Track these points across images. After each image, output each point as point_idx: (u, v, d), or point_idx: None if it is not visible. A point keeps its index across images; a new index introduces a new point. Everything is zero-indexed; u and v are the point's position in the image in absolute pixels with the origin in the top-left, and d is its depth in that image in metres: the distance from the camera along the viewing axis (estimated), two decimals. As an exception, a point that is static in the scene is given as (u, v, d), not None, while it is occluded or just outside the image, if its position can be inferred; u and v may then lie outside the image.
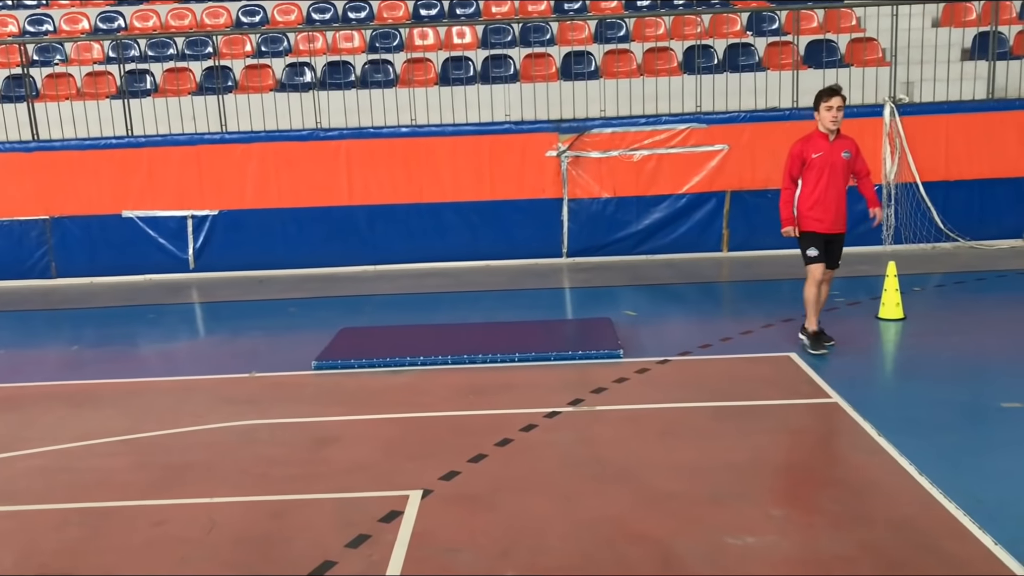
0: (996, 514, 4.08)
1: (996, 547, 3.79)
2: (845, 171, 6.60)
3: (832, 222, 6.63)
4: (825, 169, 6.51)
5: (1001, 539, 3.84)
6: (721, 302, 9.14)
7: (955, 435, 5.10)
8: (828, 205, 6.55)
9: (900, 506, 4.23)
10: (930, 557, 3.75)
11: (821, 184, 6.52)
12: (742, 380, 6.19)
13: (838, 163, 6.54)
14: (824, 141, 6.56)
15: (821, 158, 6.51)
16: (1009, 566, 3.64)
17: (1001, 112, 10.53)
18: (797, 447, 4.98)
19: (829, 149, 6.54)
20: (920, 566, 3.68)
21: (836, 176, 6.56)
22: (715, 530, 4.03)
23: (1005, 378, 6.06)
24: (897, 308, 7.61)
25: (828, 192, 6.52)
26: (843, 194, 6.62)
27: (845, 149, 6.59)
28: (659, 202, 10.82)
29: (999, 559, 3.70)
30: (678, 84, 10.99)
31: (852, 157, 6.62)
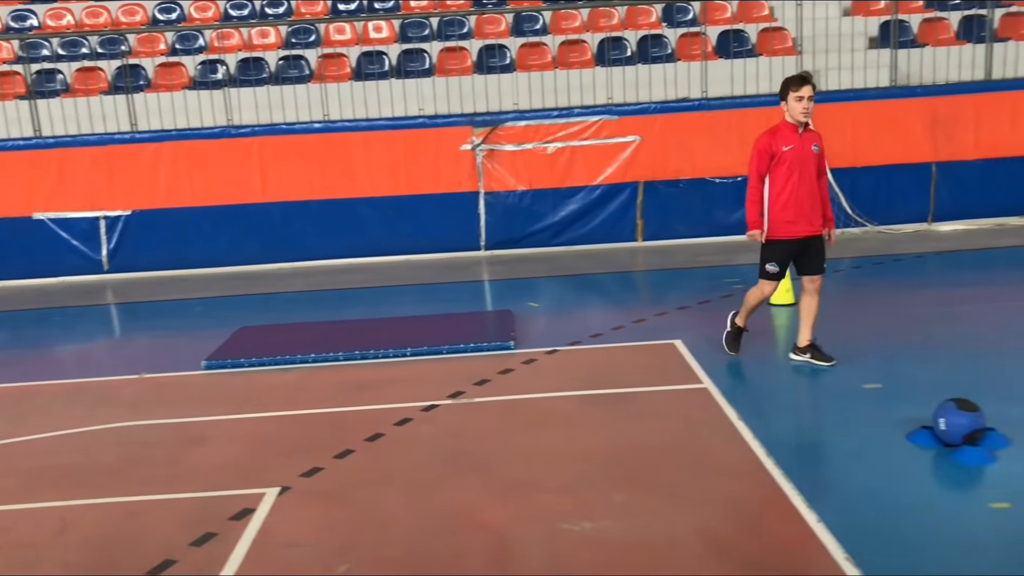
0: (825, 494, 4.23)
1: (818, 525, 3.93)
2: (816, 166, 5.95)
3: (807, 223, 5.97)
4: (796, 164, 5.85)
5: (825, 518, 3.98)
6: (626, 291, 9.25)
7: (810, 418, 5.27)
8: (801, 204, 5.91)
9: (740, 489, 4.37)
10: (754, 537, 3.89)
11: (792, 181, 5.86)
12: (622, 368, 6.31)
13: (809, 157, 5.89)
14: (794, 134, 5.86)
15: (792, 152, 5.84)
16: (825, 543, 3.78)
17: (904, 99, 10.75)
18: (656, 433, 5.09)
19: (799, 142, 5.86)
20: (742, 546, 3.81)
21: (808, 172, 5.90)
22: (556, 517, 4.13)
23: (876, 361, 6.23)
24: (787, 294, 7.77)
25: (800, 189, 5.88)
26: (816, 191, 5.98)
27: (815, 142, 5.92)
28: (574, 193, 10.92)
29: (818, 537, 3.84)
30: (591, 76, 11.07)
31: (820, 151, 5.97)
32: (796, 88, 5.74)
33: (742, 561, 3.69)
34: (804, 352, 6.17)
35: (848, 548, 3.71)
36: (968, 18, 11.55)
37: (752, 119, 10.72)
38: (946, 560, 3.65)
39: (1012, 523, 3.91)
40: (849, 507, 4.12)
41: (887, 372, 5.92)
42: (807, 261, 6.08)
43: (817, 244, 6.05)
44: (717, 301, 8.11)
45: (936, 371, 5.92)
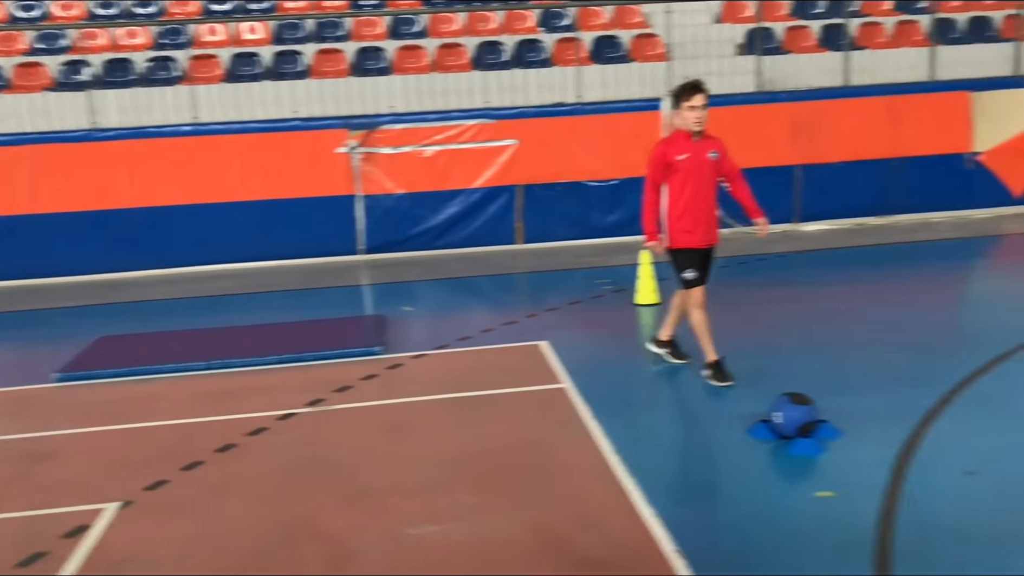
0: (665, 489, 4.37)
1: (655, 520, 4.06)
2: (714, 174, 5.84)
3: (703, 233, 5.89)
4: (692, 173, 5.74)
5: (662, 513, 4.10)
6: (500, 294, 9.31)
7: (661, 415, 5.42)
8: (698, 214, 5.81)
9: (584, 486, 4.47)
10: (591, 534, 3.98)
11: (688, 190, 5.75)
12: (485, 370, 6.36)
13: (705, 165, 5.77)
14: (688, 142, 5.74)
15: (687, 161, 5.71)
16: (658, 539, 3.90)
17: (769, 104, 11.17)
18: (510, 434, 5.16)
19: (695, 150, 5.73)
20: (578, 543, 3.90)
21: (704, 180, 5.79)
22: (400, 522, 4.15)
23: (731, 358, 6.45)
24: (653, 294, 7.98)
25: (696, 199, 5.78)
26: (713, 200, 5.91)
27: (712, 149, 5.79)
28: (453, 197, 10.94)
29: (652, 533, 3.96)
30: (468, 80, 11.12)
31: (720, 158, 5.84)
32: (688, 97, 5.64)
33: (575, 558, 3.78)
34: (663, 346, 6.28)
35: (679, 541, 3.84)
36: (829, 27, 12.07)
37: (626, 124, 11.01)
38: (767, 547, 3.82)
39: (833, 511, 4.11)
40: (685, 501, 4.28)
41: (741, 368, 6.12)
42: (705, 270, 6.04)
43: (711, 256, 6.02)
44: (587, 302, 8.27)
45: (786, 366, 6.16)
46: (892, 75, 11.63)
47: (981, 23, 12.32)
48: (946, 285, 8.70)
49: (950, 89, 11.44)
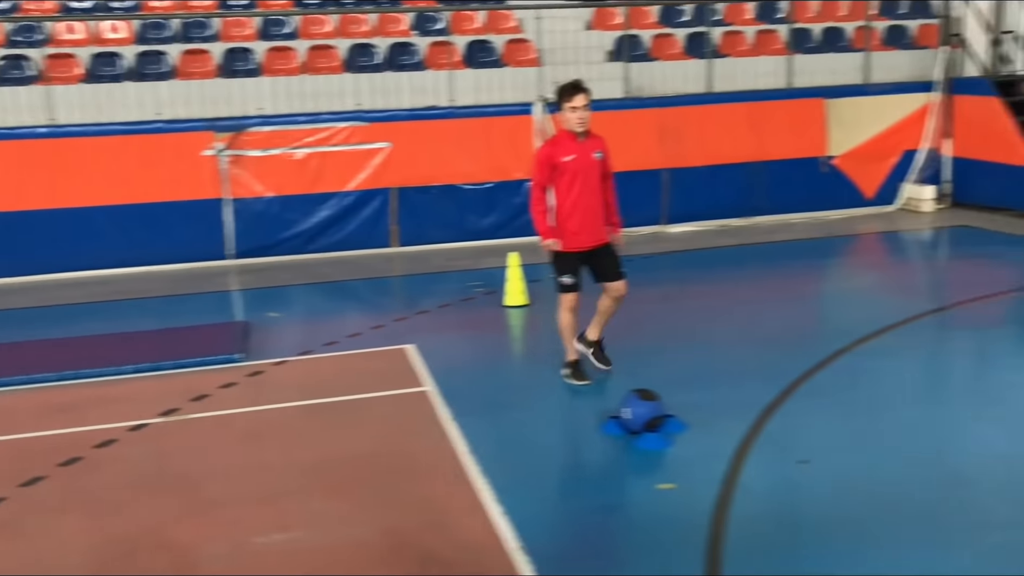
0: (515, 488, 4.46)
1: (502, 518, 4.14)
2: (599, 174, 5.82)
3: (590, 233, 5.84)
4: (578, 174, 5.71)
5: (510, 511, 4.19)
6: (372, 297, 9.26)
7: (520, 415, 5.51)
8: (586, 214, 5.77)
9: (438, 488, 4.52)
10: (438, 534, 4.03)
11: (575, 191, 5.72)
12: (348, 376, 6.34)
13: (592, 165, 5.75)
14: (573, 143, 5.74)
15: (573, 162, 5.69)
16: (503, 536, 3.98)
17: (637, 110, 11.47)
18: (367, 439, 5.17)
19: (580, 151, 5.73)
20: (424, 544, 3.95)
21: (591, 180, 5.76)
22: (247, 531, 4.11)
23: (586, 356, 6.62)
24: (521, 295, 8.09)
25: (582, 199, 5.74)
26: (600, 200, 5.86)
27: (597, 149, 5.79)
28: (326, 200, 10.82)
29: (498, 531, 4.04)
30: (340, 82, 11.03)
31: (604, 157, 5.84)
32: (569, 98, 5.65)
33: (420, 559, 3.83)
34: (589, 346, 6.19)
35: (523, 538, 3.93)
36: (693, 35, 12.48)
37: (498, 127, 11.13)
38: (607, 540, 3.96)
39: (673, 503, 4.29)
40: (533, 499, 4.37)
41: (596, 368, 6.30)
42: (602, 269, 5.97)
43: (605, 252, 5.94)
44: (457, 305, 8.33)
45: (643, 363, 6.35)
46: (752, 82, 12.11)
47: (834, 33, 12.96)
48: (800, 283, 9.12)
49: (806, 96, 12.00)
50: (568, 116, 5.71)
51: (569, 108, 5.67)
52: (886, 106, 12.23)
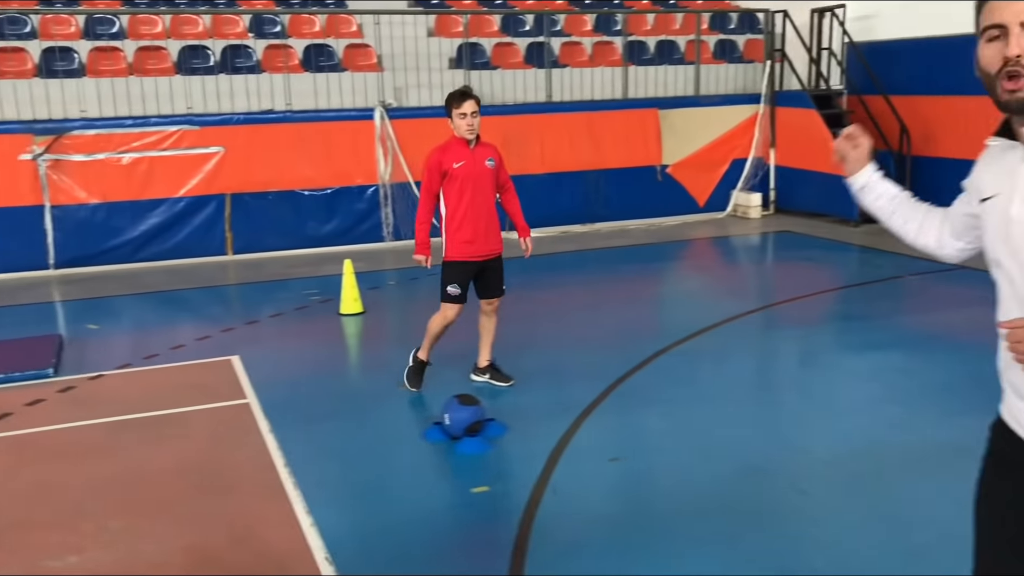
0: (328, 497, 4.40)
1: (311, 529, 4.07)
2: (492, 182, 5.74)
3: (483, 243, 5.73)
4: (469, 181, 5.61)
5: (320, 521, 4.13)
6: (202, 307, 8.92)
7: (341, 423, 5.44)
8: (478, 223, 5.66)
9: (248, 502, 4.40)
10: (245, 547, 3.93)
11: (465, 199, 5.63)
12: (165, 390, 6.10)
13: (483, 173, 5.65)
14: (465, 149, 5.62)
15: (463, 168, 5.59)
16: (312, 546, 3.92)
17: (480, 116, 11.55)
18: (180, 454, 4.99)
19: (471, 158, 5.62)
20: (230, 558, 3.84)
21: (483, 188, 5.67)
22: (40, 554, 3.89)
23: (442, 365, 6.61)
24: (355, 303, 8.00)
25: (473, 207, 5.65)
26: (493, 209, 5.79)
27: (488, 156, 5.70)
28: (156, 206, 10.42)
29: (307, 541, 3.97)
30: (169, 85, 10.62)
31: (496, 166, 5.74)
32: (457, 105, 5.54)
33: (225, 573, 3.71)
34: (484, 373, 6.06)
35: (331, 548, 3.88)
36: (534, 45, 12.71)
37: (338, 132, 11.00)
38: (418, 545, 3.95)
39: (484, 504, 4.34)
40: (347, 508, 4.33)
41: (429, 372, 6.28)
42: (485, 283, 5.85)
43: (495, 265, 5.83)
44: (290, 314, 8.16)
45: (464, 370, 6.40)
46: (590, 92, 12.44)
47: (668, 46, 13.47)
48: (634, 287, 9.40)
49: (641, 107, 12.43)
50: (457, 123, 5.59)
51: (458, 115, 5.56)
52: (716, 117, 12.81)
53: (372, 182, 11.19)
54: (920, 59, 12.03)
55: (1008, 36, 1.90)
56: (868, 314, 7.79)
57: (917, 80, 11.99)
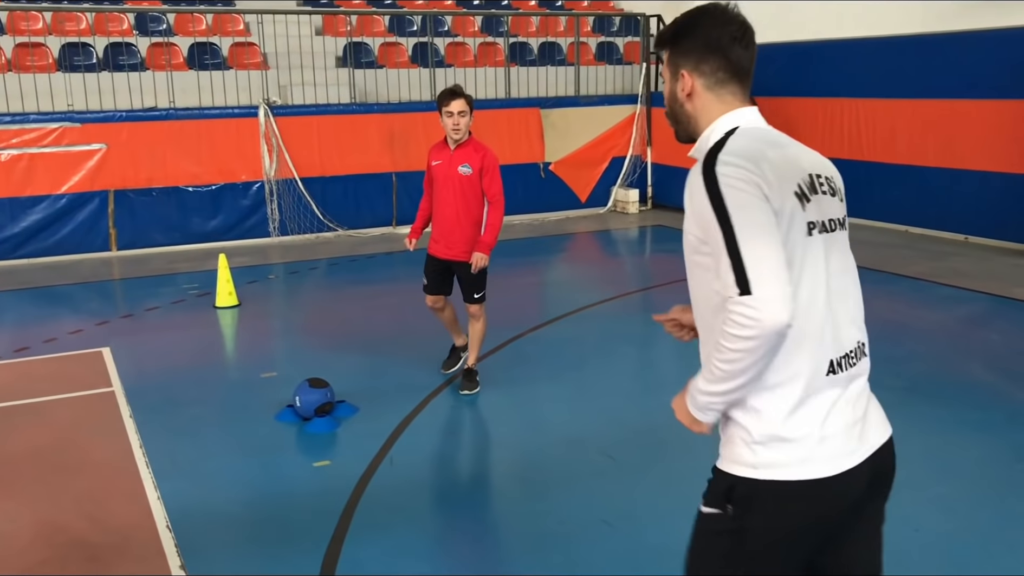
0: (177, 475, 4.71)
1: (157, 503, 4.38)
2: (464, 188, 5.58)
3: (444, 246, 5.71)
4: (441, 182, 5.64)
5: (166, 497, 4.44)
6: (78, 302, 8.97)
7: (194, 409, 5.72)
8: (442, 224, 5.67)
9: (102, 481, 4.68)
10: (92, 522, 4.22)
11: (437, 197, 5.70)
12: (33, 380, 6.29)
13: (454, 177, 5.57)
14: (445, 150, 5.68)
15: (438, 168, 5.66)
16: (154, 517, 4.24)
17: (365, 114, 11.88)
18: (40, 439, 5.21)
19: (447, 159, 5.63)
20: (76, 531, 4.13)
21: (452, 191, 5.60)
22: None
23: (284, 351, 6.95)
24: (230, 296, 8.25)
25: (439, 208, 5.68)
26: (460, 214, 5.63)
27: (465, 162, 5.56)
28: (36, 203, 10.44)
29: (153, 515, 4.28)
30: (49, 81, 10.63)
31: (473, 173, 5.56)
32: (445, 103, 5.52)
33: (67, 544, 4.01)
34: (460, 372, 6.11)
35: (173, 519, 4.20)
36: (420, 44, 13.07)
37: (222, 130, 11.17)
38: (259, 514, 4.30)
39: (322, 477, 4.72)
40: (192, 484, 4.64)
41: (290, 360, 6.63)
42: (462, 287, 5.85)
43: (463, 272, 5.77)
44: (166, 307, 8.36)
45: (342, 352, 6.75)
46: (475, 91, 12.85)
47: (551, 48, 14.00)
48: (511, 278, 9.81)
49: (524, 106, 12.92)
50: (444, 121, 5.58)
51: (445, 112, 5.55)
52: (596, 116, 13.38)
53: (257, 178, 11.40)
54: (784, 62, 12.82)
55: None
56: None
57: (781, 82, 12.77)
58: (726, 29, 2.13)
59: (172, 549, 3.94)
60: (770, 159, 2.05)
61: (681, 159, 13.19)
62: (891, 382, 6.02)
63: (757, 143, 2.10)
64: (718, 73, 2.15)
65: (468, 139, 5.68)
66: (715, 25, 2.14)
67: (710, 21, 2.14)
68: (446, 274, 5.89)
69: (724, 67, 2.15)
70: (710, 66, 2.15)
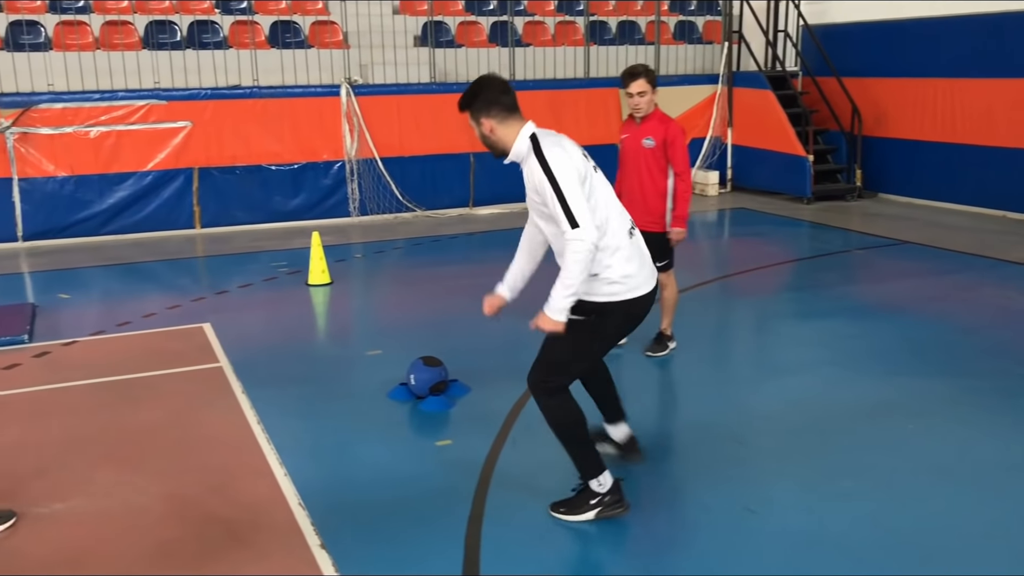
0: (299, 451, 4.66)
1: (285, 479, 4.34)
2: (648, 160, 5.69)
3: (636, 219, 5.78)
4: (626, 155, 5.82)
5: (293, 473, 4.39)
6: (171, 278, 9.05)
7: (310, 386, 5.69)
8: (631, 196, 5.73)
9: (223, 456, 4.65)
10: (221, 497, 4.18)
11: (623, 171, 5.87)
12: (140, 354, 6.31)
13: (639, 151, 5.71)
14: (631, 123, 5.83)
15: (626, 141, 5.82)
16: (286, 496, 4.18)
17: (443, 94, 11.77)
18: (156, 413, 5.21)
19: (633, 132, 5.78)
20: (206, 506, 4.09)
21: (636, 164, 5.75)
22: (25, 502, 4.11)
23: (386, 328, 6.89)
24: (323, 274, 8.23)
25: (626, 181, 5.82)
26: (647, 185, 5.74)
27: (648, 135, 5.67)
28: (123, 180, 10.54)
29: (282, 491, 4.23)
30: (136, 59, 10.70)
31: (657, 146, 5.66)
32: (625, 84, 5.65)
33: (201, 519, 3.97)
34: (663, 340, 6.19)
35: (303, 495, 4.15)
36: (497, 23, 12.92)
37: (304, 108, 11.15)
38: (385, 494, 4.22)
39: (448, 455, 4.63)
40: (316, 460, 4.59)
41: (392, 339, 6.56)
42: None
43: (653, 240, 5.38)
44: (259, 285, 8.37)
45: (444, 333, 6.67)
46: (553, 71, 12.70)
47: (629, 27, 13.75)
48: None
49: (602, 86, 12.71)
50: (626, 100, 5.80)
51: (626, 94, 5.72)
52: (676, 97, 13.09)
53: (338, 158, 11.37)
54: (872, 42, 12.43)
55: None
56: (814, 285, 8.17)
57: (869, 62, 12.39)
58: (495, 89, 3.75)
59: (308, 527, 3.87)
60: (563, 143, 3.73)
61: (763, 141, 12.96)
62: (1015, 368, 5.79)
63: (552, 136, 3.77)
64: (501, 114, 3.72)
65: (653, 112, 5.77)
66: (490, 89, 3.75)
67: (487, 87, 3.76)
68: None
69: (502, 110, 3.72)
70: (495, 111, 3.72)
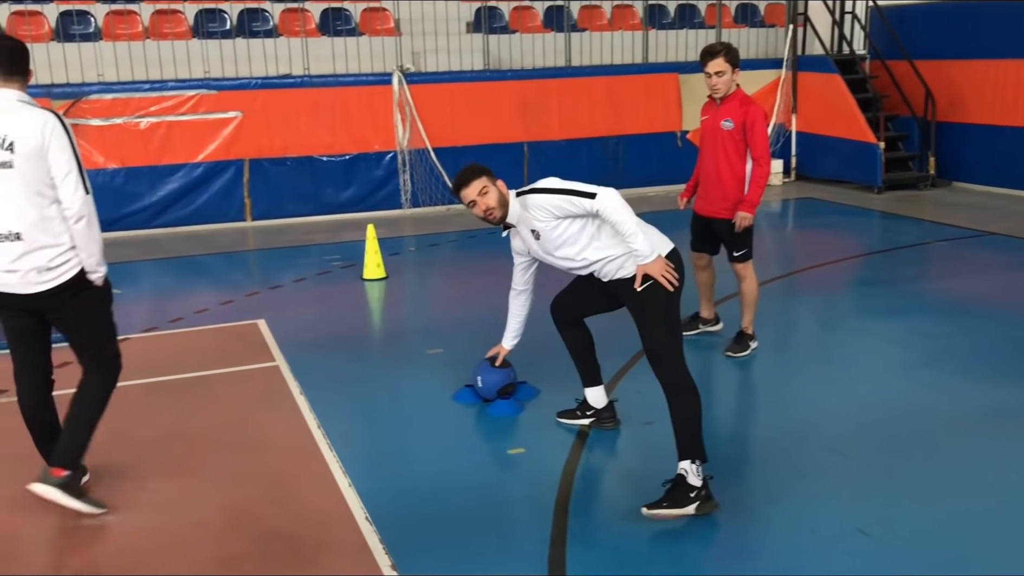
0: (363, 459, 4.38)
1: (349, 490, 4.05)
2: (726, 143, 5.47)
3: (706, 201, 5.65)
4: (706, 137, 5.64)
5: (356, 483, 4.11)
6: (223, 272, 8.86)
7: (369, 387, 5.41)
8: (706, 180, 5.62)
9: (282, 462, 4.38)
10: (282, 509, 3.91)
11: (702, 153, 5.70)
12: (194, 352, 6.08)
13: (717, 133, 5.50)
14: (711, 106, 5.63)
15: (706, 123, 5.66)
16: (351, 507, 3.90)
17: (496, 82, 11.45)
18: (213, 415, 4.97)
19: (712, 114, 5.60)
20: (267, 519, 3.82)
21: (713, 147, 5.54)
22: (73, 514, 3.87)
23: (445, 328, 6.58)
24: (378, 268, 7.95)
25: (703, 163, 5.65)
26: (723, 170, 5.52)
27: (728, 117, 5.46)
28: (174, 171, 10.37)
29: (346, 502, 3.95)
30: (186, 48, 10.53)
31: (736, 128, 5.43)
32: (704, 63, 5.48)
33: (261, 535, 3.70)
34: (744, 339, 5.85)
35: (369, 507, 3.86)
36: (552, 8, 12.54)
37: (355, 98, 10.89)
38: (455, 505, 3.91)
39: (522, 464, 4.32)
40: (381, 468, 4.30)
41: (452, 337, 6.26)
42: (724, 245, 5.75)
43: (721, 228, 5.65)
44: (313, 279, 8.13)
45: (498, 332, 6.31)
46: (610, 56, 12.29)
47: (689, 10, 13.28)
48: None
49: (661, 71, 12.28)
50: (704, 81, 5.59)
51: (704, 74, 5.53)
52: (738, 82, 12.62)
53: (390, 148, 11.10)
54: (946, 23, 11.84)
55: None
56: (894, 279, 7.71)
57: (943, 44, 11.80)
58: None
59: (378, 546, 3.57)
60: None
61: (830, 128, 12.42)
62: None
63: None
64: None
65: (734, 93, 5.54)
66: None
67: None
68: (707, 231, 5.79)
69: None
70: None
